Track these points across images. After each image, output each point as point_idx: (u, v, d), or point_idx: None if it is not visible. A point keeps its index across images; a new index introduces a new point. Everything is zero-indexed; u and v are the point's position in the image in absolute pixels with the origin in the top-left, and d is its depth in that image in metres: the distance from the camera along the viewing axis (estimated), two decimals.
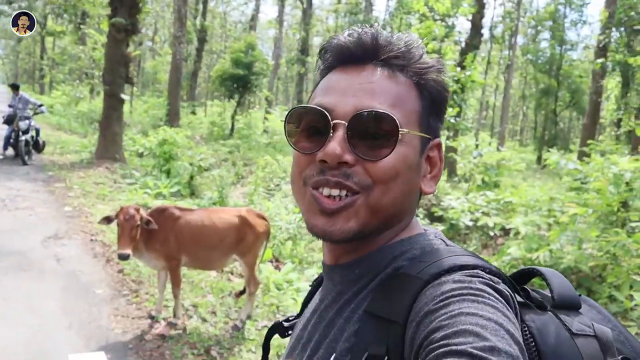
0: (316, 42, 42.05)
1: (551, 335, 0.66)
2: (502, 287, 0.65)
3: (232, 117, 21.46)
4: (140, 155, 14.18)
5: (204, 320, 4.60)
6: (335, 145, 0.70)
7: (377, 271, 0.73)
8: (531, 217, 7.74)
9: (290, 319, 0.93)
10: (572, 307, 0.71)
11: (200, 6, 26.85)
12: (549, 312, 0.70)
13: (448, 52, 13.95)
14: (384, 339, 0.64)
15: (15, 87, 11.37)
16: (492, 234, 8.95)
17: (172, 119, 18.06)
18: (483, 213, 9.31)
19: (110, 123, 12.14)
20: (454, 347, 0.52)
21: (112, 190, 9.36)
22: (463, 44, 15.87)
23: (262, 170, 13.25)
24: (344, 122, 0.71)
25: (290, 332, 0.91)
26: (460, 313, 0.56)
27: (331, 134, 0.71)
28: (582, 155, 11.44)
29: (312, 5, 23.74)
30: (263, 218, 4.78)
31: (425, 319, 0.59)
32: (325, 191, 0.71)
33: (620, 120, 19.79)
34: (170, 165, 12.04)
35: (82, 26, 20.76)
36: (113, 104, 12.14)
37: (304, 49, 23.18)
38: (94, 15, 16.02)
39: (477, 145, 19.21)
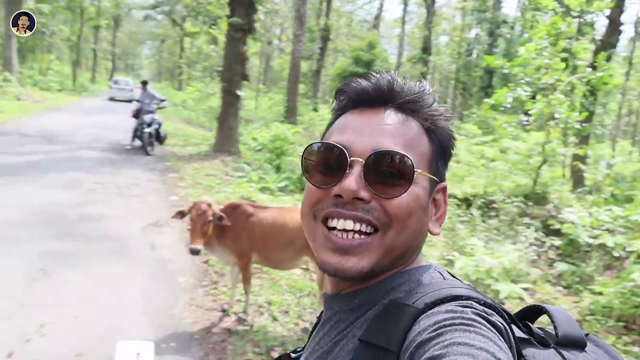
0: (442, 40, 40.91)
1: None
2: (495, 318, 0.65)
3: None
4: (258, 150, 14.72)
5: (275, 319, 4.58)
6: (352, 181, 0.73)
7: (375, 301, 0.75)
8: None
9: (297, 350, 0.94)
10: (577, 345, 0.72)
11: (324, 5, 27.25)
12: (552, 349, 0.70)
13: (580, 51, 12.76)
14: None
15: (144, 83, 12.23)
16: (617, 254, 8.01)
17: (289, 115, 18.56)
18: (608, 230, 8.38)
19: (227, 118, 12.73)
20: None
21: (220, 182, 9.76)
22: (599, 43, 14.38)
23: None
24: (361, 159, 0.74)
25: None
26: (453, 343, 0.57)
27: (348, 171, 0.74)
28: None
29: (434, 3, 23.03)
30: None
31: (419, 349, 0.59)
32: (340, 224, 0.74)
33: None
34: (281, 160, 12.34)
35: (213, 27, 22.05)
36: (230, 100, 12.70)
37: (426, 48, 22.59)
38: (223, 17, 17.06)
39: (613, 155, 17.43)
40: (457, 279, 0.79)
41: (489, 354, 0.55)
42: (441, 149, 0.81)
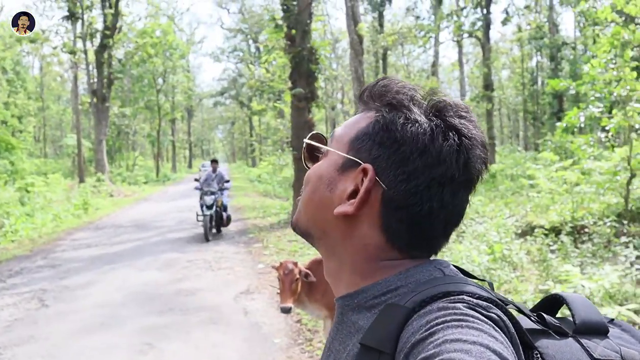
0: (504, 75, 40.42)
1: None
2: (492, 311, 0.63)
3: None
4: None
5: None
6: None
7: (373, 303, 0.74)
8: None
9: None
10: (598, 331, 0.69)
11: (380, 62, 27.94)
12: (570, 338, 0.68)
13: None
14: None
15: (214, 162, 11.62)
16: None
17: None
18: None
19: (301, 185, 13.08)
20: None
21: (303, 246, 9.97)
22: None
23: None
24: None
25: None
26: (445, 341, 0.56)
27: None
28: None
29: (489, 40, 23.03)
30: None
31: (414, 350, 0.59)
32: None
33: None
34: None
35: (278, 102, 23.14)
36: (302, 167, 13.08)
37: (488, 85, 22.46)
38: (286, 91, 18.09)
39: None
40: (467, 273, 0.76)
41: (483, 346, 0.55)
42: (375, 132, 0.75)
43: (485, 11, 22.66)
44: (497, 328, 0.60)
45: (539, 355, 0.65)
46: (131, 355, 4.74)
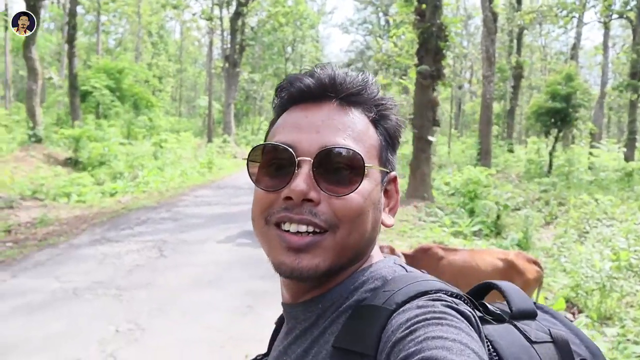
0: None
1: (512, 346, 0.68)
2: (463, 307, 0.65)
3: (550, 154, 20.19)
4: (452, 194, 14.55)
5: None
6: (301, 181, 0.71)
7: (340, 303, 0.73)
8: None
9: (258, 358, 0.91)
10: (529, 316, 0.74)
11: (515, 42, 26.31)
12: (507, 323, 0.72)
13: None
14: None
15: None
16: None
17: (484, 157, 18.05)
18: None
19: (419, 164, 12.86)
20: None
21: (413, 227, 9.82)
22: None
23: (577, 210, 12.05)
24: (309, 158, 0.72)
25: None
26: (426, 338, 0.58)
27: (296, 171, 0.72)
28: None
29: None
30: (535, 263, 4.35)
31: (395, 348, 0.60)
32: (293, 227, 0.71)
33: None
34: (474, 204, 12.01)
35: (403, 78, 22.78)
36: (422, 146, 12.84)
37: (635, 73, 20.22)
38: (412, 67, 17.72)
39: None
40: (419, 270, 0.79)
41: (462, 344, 0.56)
42: (389, 139, 0.81)
43: None
44: (470, 326, 0.62)
45: (488, 343, 0.67)
46: (232, 315, 4.96)
